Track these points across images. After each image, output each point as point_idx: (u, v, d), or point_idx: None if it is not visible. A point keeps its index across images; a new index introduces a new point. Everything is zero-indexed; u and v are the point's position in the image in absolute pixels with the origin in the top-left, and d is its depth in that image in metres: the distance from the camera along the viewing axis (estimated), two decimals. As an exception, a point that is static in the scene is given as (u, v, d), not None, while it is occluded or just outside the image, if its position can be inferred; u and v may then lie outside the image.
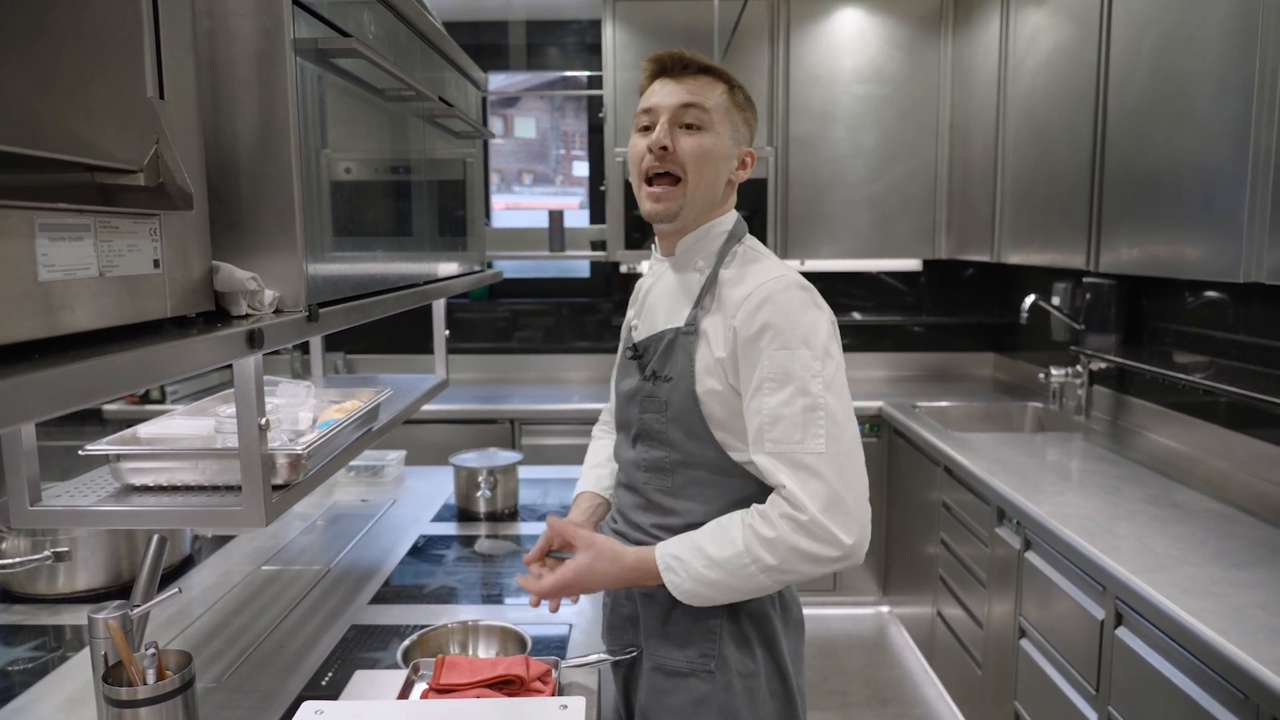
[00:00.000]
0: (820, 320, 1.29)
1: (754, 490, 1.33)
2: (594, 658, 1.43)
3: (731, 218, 1.43)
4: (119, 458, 1.22)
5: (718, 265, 1.37)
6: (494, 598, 1.81)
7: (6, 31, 0.67)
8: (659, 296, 1.45)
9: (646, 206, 1.37)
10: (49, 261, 0.71)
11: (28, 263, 0.69)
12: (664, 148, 1.32)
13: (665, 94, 1.35)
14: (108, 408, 3.60)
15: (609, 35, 3.79)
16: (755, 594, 1.29)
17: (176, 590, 1.31)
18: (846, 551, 1.22)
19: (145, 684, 1.12)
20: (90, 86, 0.78)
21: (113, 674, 1.14)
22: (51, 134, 0.72)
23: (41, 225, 0.71)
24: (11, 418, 0.64)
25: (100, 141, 0.77)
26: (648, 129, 1.37)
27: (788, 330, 1.25)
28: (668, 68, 1.36)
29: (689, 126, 1.34)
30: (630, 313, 1.56)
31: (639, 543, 1.40)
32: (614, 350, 1.72)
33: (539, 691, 1.30)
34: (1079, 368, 3.26)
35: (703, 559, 1.25)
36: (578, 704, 1.21)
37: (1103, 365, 3.16)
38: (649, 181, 1.36)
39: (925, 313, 4.35)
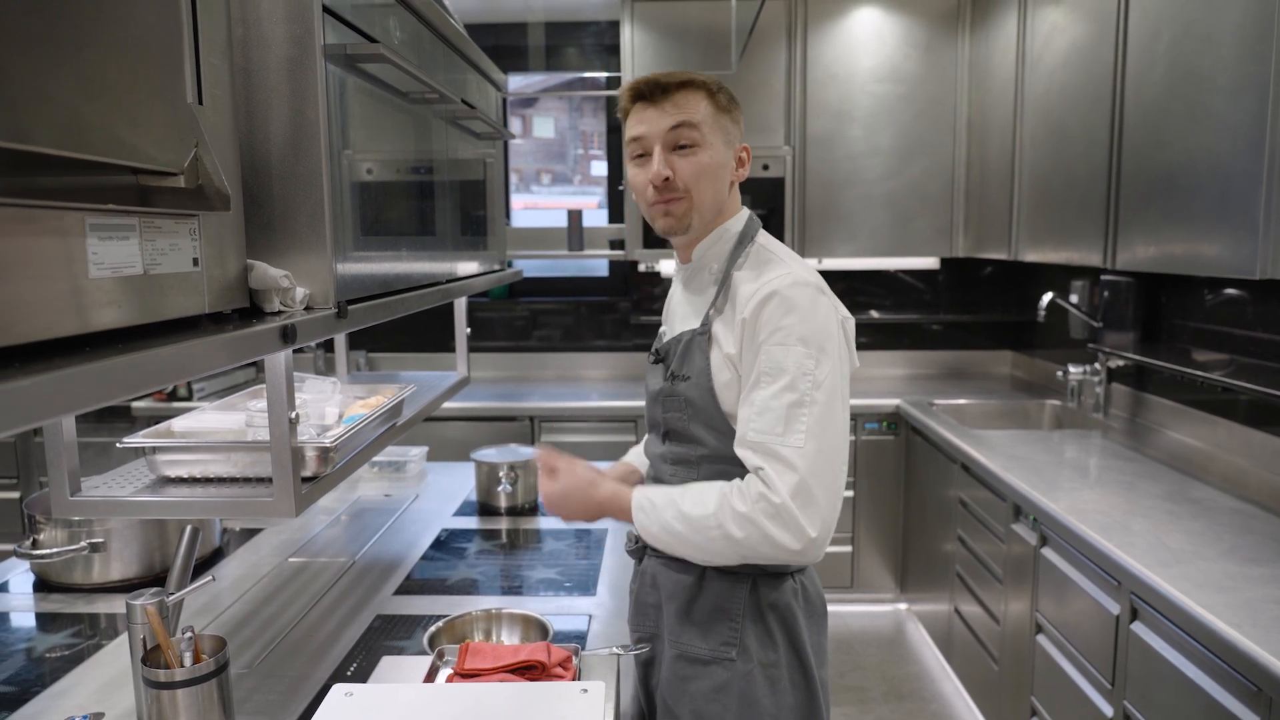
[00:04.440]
0: (824, 320, 1.31)
1: None
2: (612, 649, 1.47)
3: (741, 218, 1.46)
4: (155, 450, 1.27)
5: (729, 266, 1.40)
6: (515, 589, 1.84)
7: (56, 42, 0.71)
8: (679, 302, 1.52)
9: (659, 224, 1.43)
10: (99, 260, 0.75)
11: (80, 260, 0.73)
12: (666, 179, 1.36)
13: (651, 120, 1.37)
14: (136, 405, 3.68)
15: (627, 36, 3.82)
16: (713, 560, 1.32)
17: (211, 578, 1.36)
18: (807, 545, 1.24)
19: (182, 666, 1.16)
20: (134, 93, 0.82)
21: (151, 657, 1.19)
22: (98, 138, 0.76)
23: (92, 225, 0.75)
24: (63, 408, 0.68)
25: (143, 145, 0.81)
26: (642, 156, 1.40)
27: (787, 327, 1.28)
28: (646, 94, 1.39)
29: (682, 147, 1.37)
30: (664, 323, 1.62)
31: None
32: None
33: (560, 677, 1.33)
34: (1097, 365, 3.26)
35: (674, 510, 1.31)
36: (597, 688, 1.25)
37: (1121, 363, 3.16)
38: (656, 202, 1.41)
39: (943, 311, 4.36)
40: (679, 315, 1.50)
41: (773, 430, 1.26)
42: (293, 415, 1.14)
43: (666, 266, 4.17)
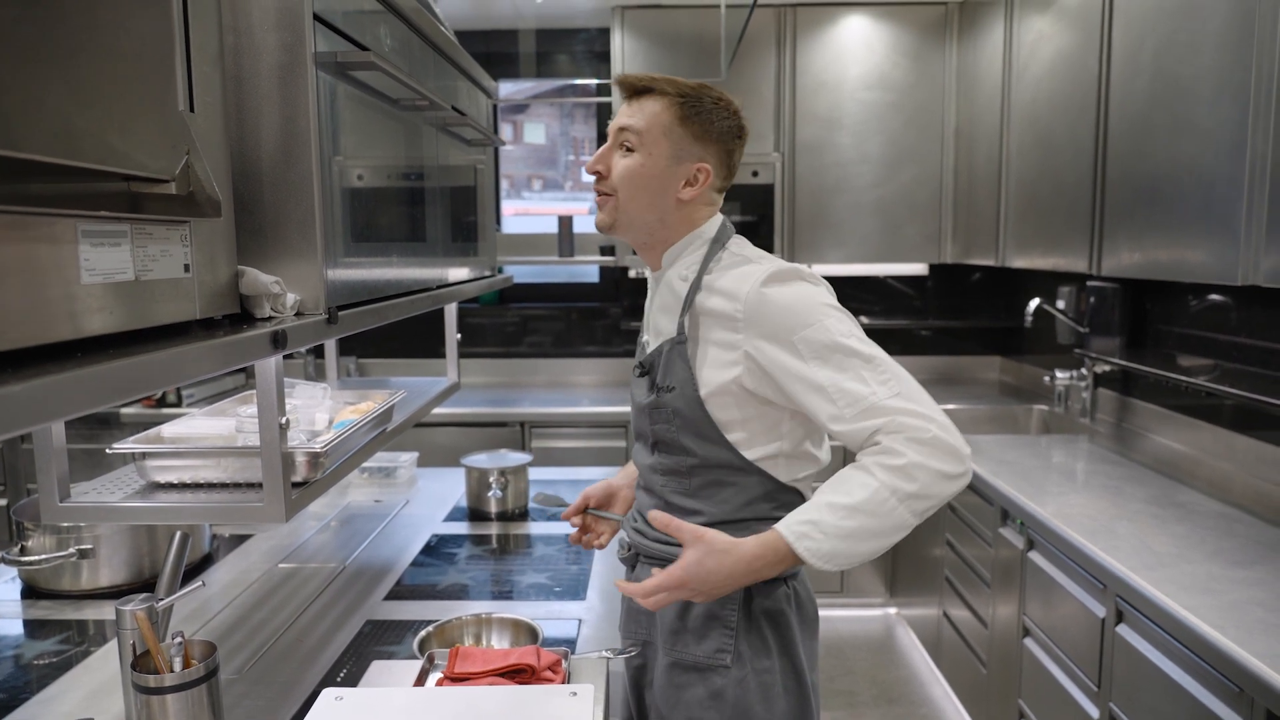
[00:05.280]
0: (815, 289, 1.33)
1: (770, 487, 1.37)
2: (601, 652, 1.47)
3: (713, 225, 1.44)
4: (145, 456, 1.27)
5: (701, 272, 1.39)
6: (504, 594, 1.85)
7: (48, 51, 0.72)
8: (655, 311, 1.49)
9: (595, 216, 1.45)
10: (90, 266, 0.76)
11: (72, 267, 0.74)
12: (597, 171, 1.40)
13: (619, 115, 1.42)
14: (125, 411, 3.67)
15: (617, 43, 3.84)
16: (897, 535, 1.24)
17: (201, 584, 1.36)
18: (967, 464, 1.25)
19: (172, 671, 1.16)
20: (126, 101, 0.82)
21: (140, 663, 1.19)
22: (90, 146, 0.77)
23: (84, 232, 0.75)
24: (56, 413, 0.68)
25: (135, 153, 0.82)
26: None
27: (800, 312, 1.28)
28: (622, 91, 1.42)
29: (625, 147, 1.39)
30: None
31: (659, 544, 1.43)
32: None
33: (549, 680, 1.34)
34: (1083, 370, 3.29)
35: (838, 512, 1.20)
36: (586, 691, 1.26)
37: (1107, 368, 3.18)
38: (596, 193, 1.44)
39: (931, 316, 4.38)
40: (654, 324, 1.48)
41: (862, 398, 1.25)
42: (283, 421, 1.14)
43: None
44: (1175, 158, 2.22)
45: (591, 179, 1.43)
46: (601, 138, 4.37)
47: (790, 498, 1.39)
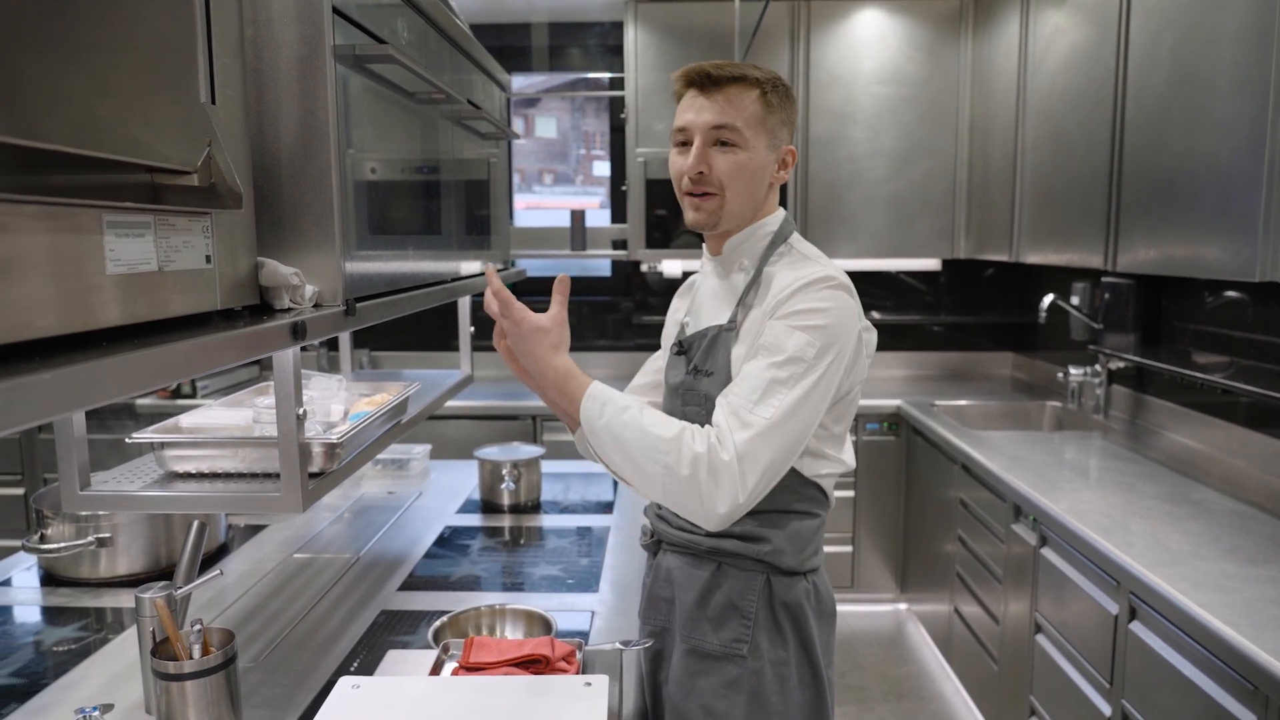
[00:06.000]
0: (842, 322, 1.31)
1: (790, 480, 1.36)
2: (615, 644, 1.48)
3: (778, 218, 1.45)
4: (164, 445, 1.28)
5: (762, 264, 1.40)
6: (517, 586, 1.86)
7: (70, 43, 0.72)
8: (706, 294, 1.49)
9: (689, 216, 1.41)
10: (115, 256, 0.77)
11: (97, 257, 0.75)
12: (700, 173, 1.36)
13: (697, 112, 1.36)
14: (140, 401, 3.70)
15: (630, 37, 3.84)
16: (635, 482, 1.29)
17: (219, 572, 1.37)
18: (730, 510, 1.22)
19: (191, 658, 1.17)
20: (148, 93, 0.83)
21: (160, 650, 1.20)
22: (113, 138, 0.77)
23: (109, 223, 0.76)
24: (84, 401, 0.69)
25: (158, 145, 0.83)
26: (684, 145, 1.38)
27: (802, 313, 1.29)
28: (697, 83, 1.37)
29: (722, 144, 1.35)
30: (680, 305, 1.60)
31: (681, 531, 1.44)
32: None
33: (564, 671, 1.35)
34: (1097, 367, 3.27)
35: (632, 424, 1.26)
36: (601, 682, 1.26)
37: (1121, 365, 3.17)
38: (689, 194, 1.39)
39: (944, 312, 4.37)
40: (707, 309, 1.48)
41: (749, 397, 1.26)
42: (300, 411, 1.15)
43: (669, 267, 4.19)
44: (1192, 153, 2.20)
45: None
46: (615, 131, 4.37)
47: (811, 492, 1.40)
